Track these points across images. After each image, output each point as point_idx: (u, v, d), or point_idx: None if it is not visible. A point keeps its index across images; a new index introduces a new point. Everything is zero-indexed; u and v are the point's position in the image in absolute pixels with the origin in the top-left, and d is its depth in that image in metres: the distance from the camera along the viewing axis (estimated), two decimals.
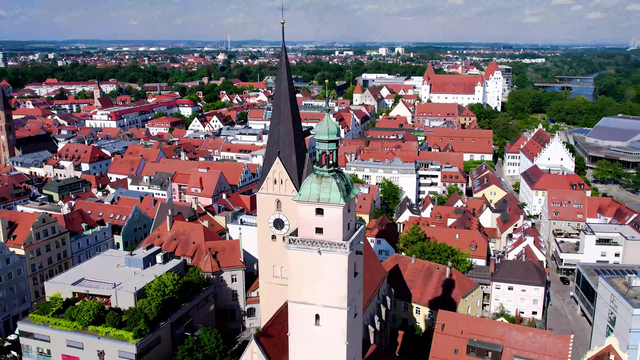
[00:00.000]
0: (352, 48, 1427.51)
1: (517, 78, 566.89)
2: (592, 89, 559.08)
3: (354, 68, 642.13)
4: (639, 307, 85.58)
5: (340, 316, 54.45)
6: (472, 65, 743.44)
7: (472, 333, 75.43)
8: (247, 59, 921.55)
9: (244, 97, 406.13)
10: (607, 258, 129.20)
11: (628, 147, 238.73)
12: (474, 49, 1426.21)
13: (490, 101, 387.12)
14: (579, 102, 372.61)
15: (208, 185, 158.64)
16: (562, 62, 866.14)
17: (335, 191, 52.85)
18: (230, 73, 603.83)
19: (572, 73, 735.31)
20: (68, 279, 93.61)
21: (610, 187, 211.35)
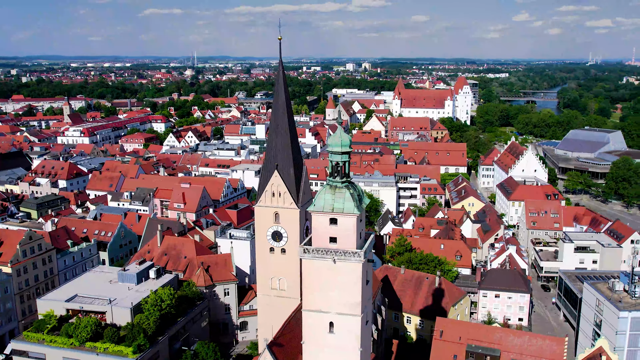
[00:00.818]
0: (320, 64, 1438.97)
1: (483, 92, 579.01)
2: (555, 102, 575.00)
3: (323, 83, 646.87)
4: (625, 310, 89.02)
5: (354, 323, 55.91)
6: (438, 80, 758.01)
7: (470, 339, 77.57)
8: (215, 75, 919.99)
9: (216, 113, 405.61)
10: (585, 265, 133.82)
11: (596, 158, 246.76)
12: (438, 64, 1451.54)
13: (459, 115, 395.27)
14: (546, 115, 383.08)
15: (191, 200, 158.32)
16: (525, 76, 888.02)
17: (349, 201, 54.51)
18: (201, 89, 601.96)
19: (535, 87, 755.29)
20: (61, 295, 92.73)
21: (580, 197, 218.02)
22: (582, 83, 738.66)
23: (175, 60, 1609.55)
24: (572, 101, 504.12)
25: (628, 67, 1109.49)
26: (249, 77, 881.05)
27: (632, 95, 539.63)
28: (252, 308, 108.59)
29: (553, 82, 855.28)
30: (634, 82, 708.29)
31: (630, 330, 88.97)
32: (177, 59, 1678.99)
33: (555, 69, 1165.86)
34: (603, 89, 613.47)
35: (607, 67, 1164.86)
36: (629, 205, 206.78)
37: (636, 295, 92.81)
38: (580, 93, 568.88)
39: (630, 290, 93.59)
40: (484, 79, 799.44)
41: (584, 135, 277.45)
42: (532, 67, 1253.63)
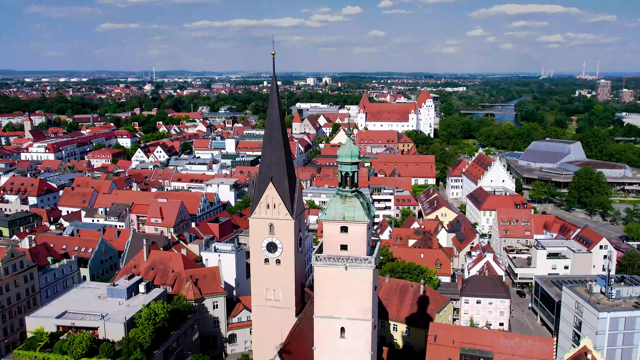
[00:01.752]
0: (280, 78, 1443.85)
1: (443, 106, 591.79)
2: (513, 115, 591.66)
3: (287, 97, 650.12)
4: (604, 311, 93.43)
5: (365, 328, 57.88)
6: (399, 94, 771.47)
7: (463, 342, 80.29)
8: (175, 90, 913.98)
9: (181, 128, 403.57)
10: (558, 270, 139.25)
11: (558, 168, 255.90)
12: (397, 78, 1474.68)
13: (423, 128, 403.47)
14: (506, 127, 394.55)
15: (169, 215, 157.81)
16: (482, 90, 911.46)
17: (359, 209, 56.67)
18: (163, 104, 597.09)
19: (493, 100, 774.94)
20: (50, 312, 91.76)
21: (545, 206, 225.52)
22: (537, 96, 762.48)
23: (133, 75, 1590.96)
24: (530, 114, 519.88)
25: (580, 81, 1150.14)
26: (210, 91, 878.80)
27: (586, 108, 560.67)
28: (241, 320, 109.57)
29: (509, 95, 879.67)
30: (587, 95, 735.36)
31: (609, 330, 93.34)
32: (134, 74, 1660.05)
33: (511, 82, 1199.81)
34: (558, 102, 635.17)
35: (560, 81, 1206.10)
36: (591, 213, 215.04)
37: (613, 297, 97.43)
38: (537, 106, 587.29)
39: (607, 292, 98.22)
40: (442, 92, 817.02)
41: (545, 146, 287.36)
42: (487, 81, 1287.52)
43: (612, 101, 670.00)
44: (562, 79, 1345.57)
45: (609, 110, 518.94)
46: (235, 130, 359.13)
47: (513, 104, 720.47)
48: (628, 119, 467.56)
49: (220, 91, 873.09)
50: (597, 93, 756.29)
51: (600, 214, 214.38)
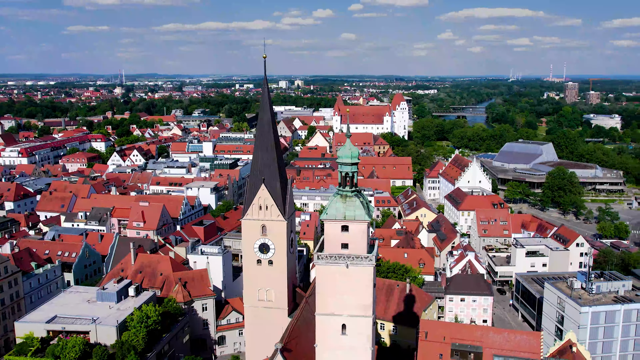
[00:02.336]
0: (252, 81, 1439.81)
1: (416, 108, 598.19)
2: (484, 117, 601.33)
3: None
4: (585, 305, 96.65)
5: (366, 324, 59.38)
6: (372, 96, 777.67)
7: (453, 338, 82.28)
8: (146, 93, 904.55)
9: (155, 131, 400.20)
10: (536, 268, 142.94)
11: (531, 169, 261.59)
12: (368, 81, 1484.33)
13: (397, 130, 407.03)
14: (479, 129, 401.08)
15: (151, 218, 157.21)
16: (453, 92, 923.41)
17: (359, 209, 58.17)
18: (135, 107, 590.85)
19: (464, 103, 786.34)
20: (39, 317, 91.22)
21: (520, 206, 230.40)
22: (507, 98, 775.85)
23: (102, 78, 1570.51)
24: (501, 116, 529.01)
25: (547, 83, 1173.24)
26: (182, 94, 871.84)
27: (555, 110, 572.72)
28: (230, 322, 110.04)
29: (480, 97, 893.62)
30: (555, 97, 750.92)
31: (591, 324, 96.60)
32: (104, 77, 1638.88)
33: (480, 85, 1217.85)
34: (528, 104, 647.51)
35: (528, 83, 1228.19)
36: (565, 212, 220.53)
37: (593, 292, 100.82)
38: (507, 108, 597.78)
39: (588, 287, 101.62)
40: (414, 95, 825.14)
41: (518, 147, 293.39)
42: (458, 84, 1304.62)
43: (579, 103, 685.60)
44: (530, 81, 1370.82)
45: (577, 112, 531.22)
46: (212, 134, 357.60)
47: (484, 106, 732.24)
48: (596, 120, 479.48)
49: (193, 94, 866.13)
50: (565, 95, 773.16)
51: (574, 213, 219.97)
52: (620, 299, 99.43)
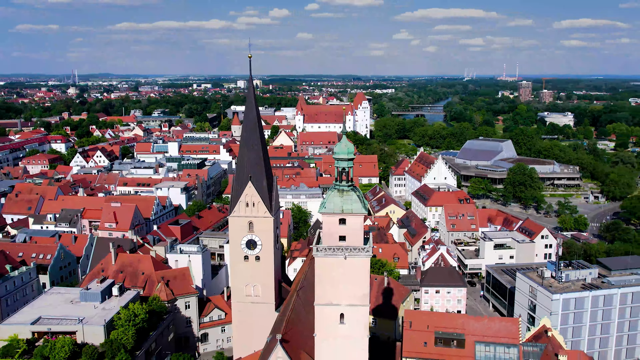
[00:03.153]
0: (209, 81, 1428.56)
1: (375, 107, 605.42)
2: (442, 115, 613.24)
3: (222, 100, 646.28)
4: (556, 293, 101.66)
5: (363, 313, 61.95)
6: (331, 96, 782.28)
7: (437, 326, 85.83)
8: (102, 93, 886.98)
9: (116, 132, 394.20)
10: (504, 260, 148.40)
11: (493, 165, 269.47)
12: (326, 80, 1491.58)
13: (359, 129, 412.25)
14: (439, 127, 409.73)
15: (123, 219, 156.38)
16: (411, 92, 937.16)
17: (356, 202, 60.68)
18: (93, 107, 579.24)
19: (421, 102, 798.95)
20: (23, 319, 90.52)
21: (483, 202, 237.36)
22: (464, 97, 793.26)
23: (54, 78, 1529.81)
24: (458, 114, 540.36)
25: (501, 82, 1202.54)
26: (138, 94, 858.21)
27: (510, 108, 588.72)
28: (212, 320, 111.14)
29: (437, 96, 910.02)
30: (510, 96, 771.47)
31: (562, 310, 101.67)
32: (55, 77, 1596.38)
33: (437, 84, 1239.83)
34: (484, 103, 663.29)
35: (482, 82, 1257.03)
36: (526, 206, 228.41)
37: (563, 280, 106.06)
38: (465, 106, 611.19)
39: (558, 276, 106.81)
40: (372, 94, 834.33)
41: (479, 145, 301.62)
42: (414, 83, 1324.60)
43: (533, 101, 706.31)
44: (484, 80, 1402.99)
45: (532, 110, 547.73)
46: (174, 134, 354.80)
47: (441, 104, 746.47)
48: (550, 118, 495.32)
49: (150, 94, 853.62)
50: (519, 94, 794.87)
51: (534, 208, 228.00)
52: (588, 286, 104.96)
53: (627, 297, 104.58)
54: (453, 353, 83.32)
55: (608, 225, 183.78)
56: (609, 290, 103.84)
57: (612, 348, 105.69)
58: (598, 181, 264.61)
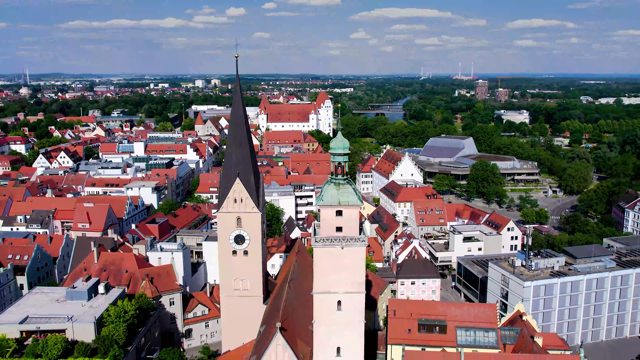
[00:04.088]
0: (165, 80, 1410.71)
1: (336, 106, 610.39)
2: (402, 114, 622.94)
3: (182, 100, 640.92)
4: (528, 280, 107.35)
5: (359, 299, 65.42)
6: (291, 95, 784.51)
7: (420, 314, 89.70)
8: (56, 93, 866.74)
9: (76, 132, 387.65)
10: (472, 252, 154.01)
11: (455, 162, 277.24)
12: (285, 79, 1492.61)
13: (322, 128, 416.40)
14: (401, 125, 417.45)
15: (96, 219, 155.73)
16: (370, 91, 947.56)
17: (352, 195, 64.07)
18: (49, 108, 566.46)
19: (380, 101, 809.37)
20: (10, 318, 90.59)
21: (448, 197, 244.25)
22: (422, 96, 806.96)
23: (4, 78, 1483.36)
24: (418, 113, 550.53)
25: (457, 81, 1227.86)
26: (94, 95, 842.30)
27: (468, 106, 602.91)
28: (196, 315, 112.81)
29: (395, 95, 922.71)
30: (466, 95, 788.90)
31: (533, 296, 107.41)
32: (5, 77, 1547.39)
33: (395, 83, 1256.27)
34: (442, 101, 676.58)
35: (439, 81, 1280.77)
36: (489, 201, 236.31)
37: (533, 268, 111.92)
38: (424, 105, 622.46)
39: (528, 264, 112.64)
40: (332, 93, 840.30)
41: (441, 142, 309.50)
42: (372, 82, 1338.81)
43: (490, 100, 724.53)
44: (440, 79, 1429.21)
45: (489, 109, 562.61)
46: (137, 134, 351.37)
47: (400, 103, 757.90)
48: (506, 116, 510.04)
49: (106, 94, 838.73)
50: (475, 92, 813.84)
51: (497, 202, 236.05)
52: (556, 274, 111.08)
53: (592, 283, 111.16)
54: (436, 338, 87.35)
55: (568, 218, 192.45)
56: (575, 277, 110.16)
57: (579, 331, 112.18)
58: (556, 176, 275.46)
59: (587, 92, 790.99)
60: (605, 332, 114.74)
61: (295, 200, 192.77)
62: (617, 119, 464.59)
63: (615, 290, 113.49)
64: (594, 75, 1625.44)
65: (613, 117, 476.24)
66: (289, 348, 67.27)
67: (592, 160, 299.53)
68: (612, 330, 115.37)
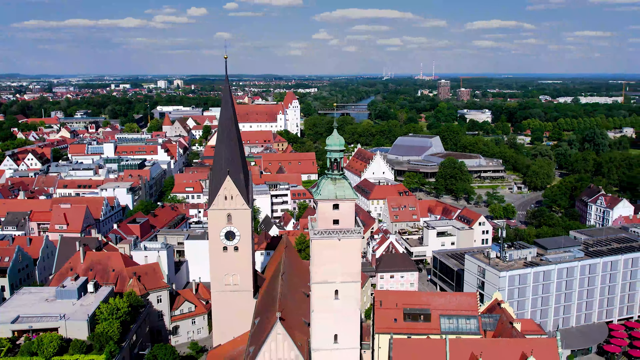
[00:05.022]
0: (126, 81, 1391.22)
1: (302, 107, 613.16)
2: (367, 113, 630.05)
3: (145, 101, 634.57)
4: (503, 270, 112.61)
5: (355, 288, 68.95)
6: (256, 95, 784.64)
7: (405, 304, 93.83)
8: (13, 94, 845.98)
9: (40, 134, 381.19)
10: (446, 246, 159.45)
11: (423, 160, 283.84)
12: (247, 80, 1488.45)
13: (290, 128, 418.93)
14: (368, 125, 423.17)
15: (74, 220, 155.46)
16: (334, 91, 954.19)
17: (348, 189, 67.56)
18: (9, 109, 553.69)
19: (345, 101, 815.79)
20: (1, 318, 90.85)
21: (417, 195, 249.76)
22: (386, 96, 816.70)
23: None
24: (383, 112, 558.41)
25: (419, 81, 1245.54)
26: (54, 96, 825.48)
27: (432, 106, 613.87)
28: (183, 312, 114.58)
29: (359, 95, 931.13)
30: (429, 95, 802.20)
31: (508, 286, 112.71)
32: None
33: (358, 83, 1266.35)
34: (406, 101, 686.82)
35: (401, 81, 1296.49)
36: (457, 198, 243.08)
37: (507, 260, 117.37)
38: (388, 105, 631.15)
39: (502, 256, 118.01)
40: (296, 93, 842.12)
41: (410, 141, 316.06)
42: (335, 82, 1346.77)
43: (452, 99, 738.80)
44: (402, 79, 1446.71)
45: (452, 108, 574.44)
46: (105, 135, 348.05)
47: (365, 103, 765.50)
48: (469, 115, 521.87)
49: (66, 95, 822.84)
50: (438, 92, 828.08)
51: (465, 199, 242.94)
52: (529, 264, 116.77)
53: (563, 272, 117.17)
54: (421, 326, 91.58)
55: (534, 212, 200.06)
56: (547, 267, 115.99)
57: (551, 318, 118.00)
58: (520, 173, 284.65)
59: (545, 92, 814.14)
60: (575, 319, 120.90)
61: (270, 199, 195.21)
62: (576, 117, 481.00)
63: (584, 279, 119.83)
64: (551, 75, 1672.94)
65: (572, 115, 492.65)
66: (288, 337, 70.23)
67: (554, 157, 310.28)
68: (582, 317, 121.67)
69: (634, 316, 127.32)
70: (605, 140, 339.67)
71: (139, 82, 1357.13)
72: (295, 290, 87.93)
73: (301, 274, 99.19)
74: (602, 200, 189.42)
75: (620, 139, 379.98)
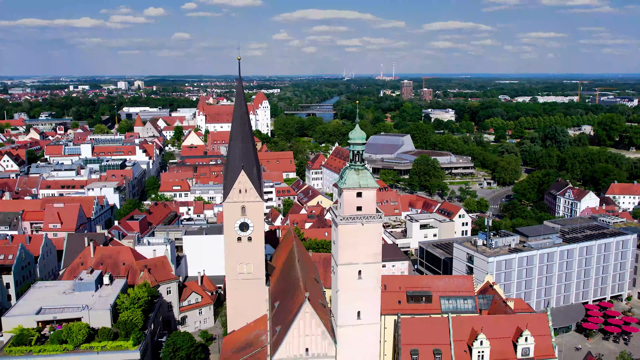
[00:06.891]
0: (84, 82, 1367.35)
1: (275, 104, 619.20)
2: (332, 113, 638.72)
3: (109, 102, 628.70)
4: (491, 256, 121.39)
5: (376, 268, 75.83)
6: (220, 96, 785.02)
7: (407, 287, 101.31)
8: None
9: (7, 136, 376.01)
10: (429, 238, 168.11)
11: (396, 158, 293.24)
12: (208, 81, 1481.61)
13: (260, 128, 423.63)
14: (338, 125, 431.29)
15: (67, 219, 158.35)
16: (297, 91, 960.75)
17: (370, 178, 74.52)
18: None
19: (309, 101, 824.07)
20: (24, 311, 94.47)
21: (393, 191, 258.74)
22: (350, 96, 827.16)
23: None
24: (349, 112, 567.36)
25: (380, 82, 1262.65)
26: (10, 97, 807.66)
27: (396, 106, 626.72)
28: (190, 303, 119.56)
29: (322, 95, 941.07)
30: (392, 95, 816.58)
31: (495, 271, 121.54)
32: None
33: (320, 83, 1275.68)
34: (371, 101, 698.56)
35: (362, 82, 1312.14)
36: (431, 194, 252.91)
37: (493, 247, 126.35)
38: (353, 105, 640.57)
39: (489, 243, 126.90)
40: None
41: (382, 139, 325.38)
42: (297, 83, 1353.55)
43: (415, 99, 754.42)
44: (363, 80, 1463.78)
45: (416, 108, 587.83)
46: (77, 136, 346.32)
47: (329, 103, 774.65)
48: (434, 114, 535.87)
49: (24, 97, 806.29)
50: (401, 92, 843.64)
51: (439, 194, 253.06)
52: (513, 250, 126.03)
53: (544, 257, 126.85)
54: (423, 307, 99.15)
55: (506, 206, 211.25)
56: (530, 252, 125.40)
57: (534, 300, 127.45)
58: (488, 169, 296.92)
59: (504, 92, 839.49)
60: (555, 300, 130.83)
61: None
62: (536, 115, 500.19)
63: (563, 263, 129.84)
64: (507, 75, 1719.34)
65: (532, 114, 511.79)
66: (315, 315, 76.61)
67: (519, 154, 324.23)
68: (561, 298, 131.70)
69: (606, 297, 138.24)
70: (566, 137, 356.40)
71: (96, 83, 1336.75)
72: (307, 277, 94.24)
73: (309, 262, 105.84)
74: (570, 193, 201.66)
75: (580, 136, 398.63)
